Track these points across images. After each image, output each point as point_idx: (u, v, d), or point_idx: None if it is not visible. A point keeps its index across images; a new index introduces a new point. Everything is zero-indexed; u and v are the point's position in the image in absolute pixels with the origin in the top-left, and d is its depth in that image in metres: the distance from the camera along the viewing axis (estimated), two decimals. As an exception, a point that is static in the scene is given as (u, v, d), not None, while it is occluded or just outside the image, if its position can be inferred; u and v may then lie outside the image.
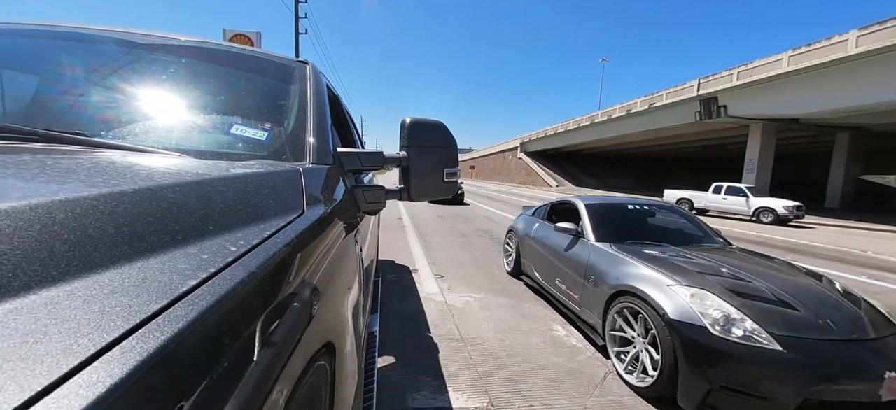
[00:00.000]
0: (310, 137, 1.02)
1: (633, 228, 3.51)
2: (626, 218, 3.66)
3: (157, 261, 0.37)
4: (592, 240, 3.17)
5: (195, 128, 0.99)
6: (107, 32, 1.21)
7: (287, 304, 0.49)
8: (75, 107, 0.97)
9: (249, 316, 0.41)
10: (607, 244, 3.06)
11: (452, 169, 1.14)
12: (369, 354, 1.79)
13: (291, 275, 0.53)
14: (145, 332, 0.29)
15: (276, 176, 0.73)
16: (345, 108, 2.16)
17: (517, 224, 4.83)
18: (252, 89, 1.24)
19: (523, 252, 4.38)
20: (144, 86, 1.06)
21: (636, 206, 3.83)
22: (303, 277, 0.56)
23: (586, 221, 3.39)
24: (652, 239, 3.33)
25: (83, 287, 0.31)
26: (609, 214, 3.59)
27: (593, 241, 3.15)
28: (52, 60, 1.11)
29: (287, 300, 0.49)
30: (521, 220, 4.82)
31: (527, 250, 4.28)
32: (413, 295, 3.93)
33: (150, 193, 0.46)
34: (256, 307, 0.42)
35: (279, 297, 0.47)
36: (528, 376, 2.46)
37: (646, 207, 3.84)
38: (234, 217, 0.52)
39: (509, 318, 3.42)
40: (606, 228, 3.32)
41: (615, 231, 3.31)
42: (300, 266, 0.56)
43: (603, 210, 3.62)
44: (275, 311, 0.45)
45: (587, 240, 3.21)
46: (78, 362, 0.25)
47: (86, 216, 0.37)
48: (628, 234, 3.30)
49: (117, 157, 0.64)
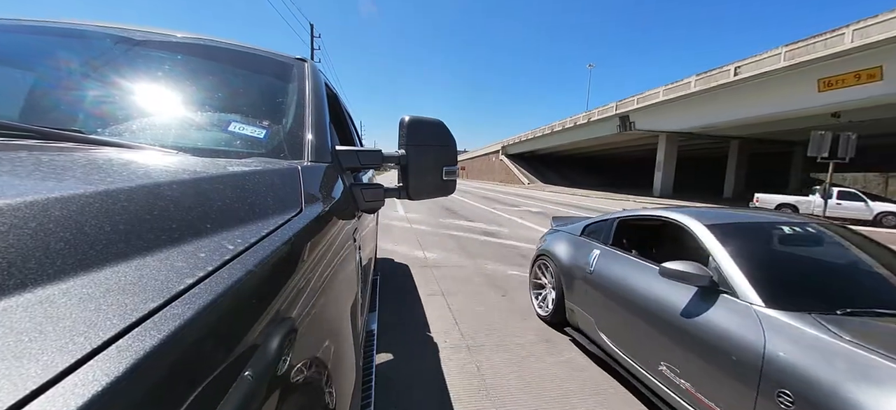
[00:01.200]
0: (308, 135, 1.01)
1: (827, 278, 1.98)
2: (801, 257, 2.14)
3: (154, 259, 0.37)
4: (760, 306, 1.59)
5: (193, 126, 0.99)
6: (104, 28, 1.20)
7: (285, 302, 0.48)
8: (72, 104, 0.96)
9: (247, 315, 0.40)
10: (803, 318, 1.47)
11: (451, 167, 1.13)
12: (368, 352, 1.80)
13: (289, 274, 0.52)
14: (142, 331, 0.29)
15: (274, 174, 0.73)
16: (343, 106, 2.15)
17: (554, 246, 3.23)
18: (250, 86, 1.23)
19: (572, 292, 2.83)
20: (142, 83, 1.05)
21: (793, 229, 2.24)
22: (301, 275, 0.56)
23: (728, 261, 1.81)
24: (863, 297, 1.79)
25: (79, 285, 0.31)
26: (766, 247, 2.11)
27: (763, 308, 1.57)
28: (49, 57, 1.10)
29: (285, 298, 0.49)
30: (560, 241, 3.23)
31: (579, 291, 2.73)
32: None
33: (146, 191, 0.46)
34: (254, 305, 0.42)
35: (277, 296, 0.47)
36: None
37: (803, 229, 2.26)
38: (232, 215, 0.52)
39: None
40: (780, 279, 1.80)
41: (801, 285, 1.84)
42: (298, 264, 0.56)
43: (749, 236, 2.09)
44: (273, 310, 0.45)
45: (742, 302, 1.64)
46: (73, 361, 0.25)
47: (82, 213, 0.37)
48: (829, 293, 1.78)
49: (114, 155, 0.63)
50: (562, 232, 3.37)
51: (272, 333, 0.43)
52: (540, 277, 3.44)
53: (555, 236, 3.41)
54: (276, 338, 0.44)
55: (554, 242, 3.32)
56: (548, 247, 3.34)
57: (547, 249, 3.33)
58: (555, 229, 3.60)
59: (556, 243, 3.27)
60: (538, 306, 3.39)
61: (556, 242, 3.29)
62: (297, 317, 0.51)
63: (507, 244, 6.48)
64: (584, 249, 2.87)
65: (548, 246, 3.35)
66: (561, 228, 3.50)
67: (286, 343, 0.46)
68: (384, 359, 2.48)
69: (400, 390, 2.16)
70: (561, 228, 3.50)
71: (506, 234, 7.47)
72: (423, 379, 2.29)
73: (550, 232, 3.63)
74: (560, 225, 3.59)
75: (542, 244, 3.52)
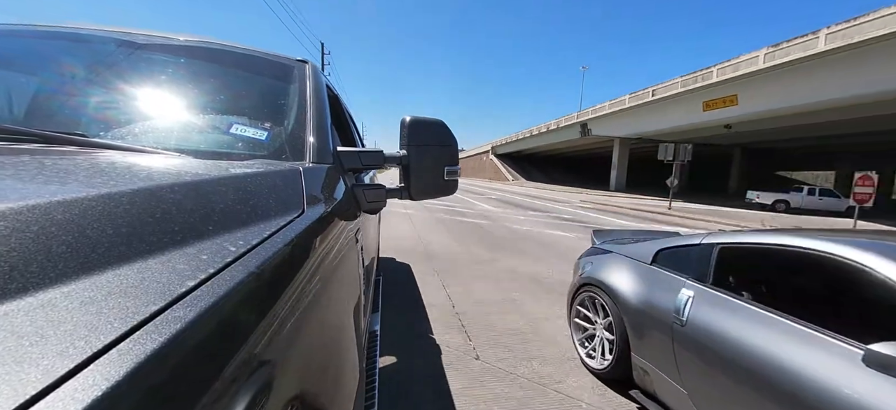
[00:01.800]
0: (310, 137, 1.01)
1: None
2: None
3: (156, 262, 0.37)
4: None
5: (194, 128, 0.99)
6: (106, 32, 1.20)
7: (287, 304, 0.48)
8: (74, 108, 0.97)
9: (249, 317, 0.40)
10: None
11: (452, 167, 1.13)
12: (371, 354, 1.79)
13: (292, 275, 0.52)
14: (144, 334, 0.29)
15: (275, 175, 0.73)
16: (345, 107, 2.15)
17: (608, 274, 2.39)
18: (252, 89, 1.23)
19: (644, 346, 2.04)
20: (144, 87, 1.05)
21: None
22: (303, 277, 0.56)
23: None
24: None
25: (81, 288, 0.31)
26: None
27: None
28: (51, 61, 1.11)
29: (287, 300, 0.49)
30: (616, 268, 2.39)
31: (658, 347, 1.94)
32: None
33: (149, 193, 0.46)
34: (256, 307, 0.42)
35: (279, 297, 0.47)
36: None
37: None
38: (234, 217, 0.52)
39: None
40: None
41: None
42: (300, 266, 0.56)
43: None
44: (275, 311, 0.45)
45: None
46: (75, 364, 0.25)
47: (84, 217, 0.37)
48: None
49: (116, 158, 0.63)
50: (616, 256, 2.44)
51: (275, 335, 0.43)
52: (585, 314, 2.55)
53: (604, 260, 2.50)
54: (279, 340, 0.44)
55: (605, 268, 2.42)
56: (596, 275, 2.43)
57: (595, 278, 2.42)
58: (599, 248, 2.69)
59: (610, 270, 2.38)
60: (586, 354, 2.50)
61: (608, 269, 2.40)
62: (300, 319, 0.51)
63: (468, 221, 9.49)
64: (663, 285, 2.00)
65: (595, 273, 2.44)
66: (611, 247, 2.59)
67: (289, 344, 0.46)
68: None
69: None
70: (611, 247, 2.59)
71: (470, 214, 10.95)
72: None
73: (593, 251, 2.73)
74: (607, 242, 2.68)
75: (584, 268, 2.63)
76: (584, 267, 2.66)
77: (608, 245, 2.67)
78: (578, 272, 2.72)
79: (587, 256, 2.76)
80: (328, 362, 0.62)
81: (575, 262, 2.91)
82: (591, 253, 2.75)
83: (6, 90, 1.07)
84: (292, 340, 0.48)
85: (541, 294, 4.02)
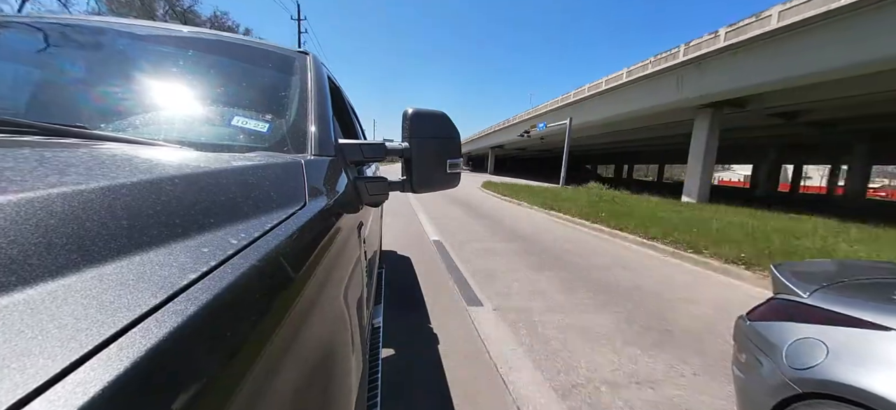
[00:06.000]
0: (311, 128, 1.00)
1: None
2: None
3: (158, 255, 0.37)
4: None
5: (196, 120, 0.98)
6: (106, 24, 1.19)
7: (290, 297, 0.48)
8: (75, 100, 0.96)
9: (251, 310, 0.40)
10: None
11: (455, 160, 1.12)
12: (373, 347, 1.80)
13: (294, 268, 0.52)
14: (145, 327, 0.29)
15: (277, 168, 0.72)
16: (346, 99, 2.14)
17: (867, 373, 1.01)
18: (253, 81, 1.22)
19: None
20: (144, 78, 1.05)
21: None
22: (305, 270, 0.55)
23: None
24: None
25: (81, 281, 0.30)
26: None
27: None
28: (52, 52, 1.10)
29: (290, 293, 0.48)
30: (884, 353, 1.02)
31: None
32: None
33: (150, 186, 0.46)
34: (258, 300, 0.42)
35: (282, 290, 0.47)
36: None
37: None
38: (236, 209, 0.52)
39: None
40: None
41: None
42: (303, 258, 0.56)
43: None
44: (277, 304, 0.45)
45: None
46: (75, 358, 0.24)
47: (85, 210, 0.36)
48: None
49: (117, 150, 0.63)
50: (876, 332, 1.10)
51: (277, 328, 0.43)
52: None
53: (869, 342, 1.09)
54: (281, 333, 0.43)
55: (857, 357, 1.08)
56: (835, 376, 1.09)
57: (836, 380, 1.08)
58: (819, 307, 1.30)
59: (872, 364, 1.04)
60: None
61: (864, 356, 1.07)
62: (302, 312, 0.51)
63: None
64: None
65: (833, 370, 1.10)
66: (861, 309, 1.19)
67: (291, 338, 0.46)
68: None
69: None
70: (861, 309, 1.19)
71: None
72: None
73: (792, 308, 1.37)
74: (835, 292, 1.35)
75: (808, 357, 1.18)
76: (798, 350, 1.23)
77: (846, 302, 1.27)
78: (779, 356, 1.27)
79: (786, 321, 1.35)
80: (331, 354, 0.62)
81: (740, 325, 1.56)
82: (790, 315, 1.35)
83: (6, 82, 1.06)
84: (295, 332, 0.48)
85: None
